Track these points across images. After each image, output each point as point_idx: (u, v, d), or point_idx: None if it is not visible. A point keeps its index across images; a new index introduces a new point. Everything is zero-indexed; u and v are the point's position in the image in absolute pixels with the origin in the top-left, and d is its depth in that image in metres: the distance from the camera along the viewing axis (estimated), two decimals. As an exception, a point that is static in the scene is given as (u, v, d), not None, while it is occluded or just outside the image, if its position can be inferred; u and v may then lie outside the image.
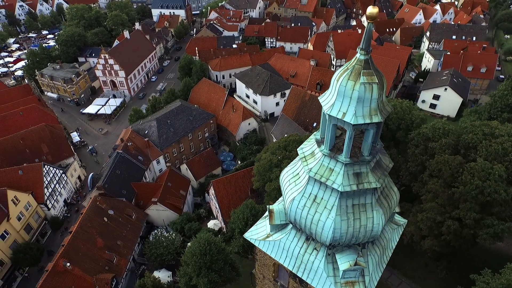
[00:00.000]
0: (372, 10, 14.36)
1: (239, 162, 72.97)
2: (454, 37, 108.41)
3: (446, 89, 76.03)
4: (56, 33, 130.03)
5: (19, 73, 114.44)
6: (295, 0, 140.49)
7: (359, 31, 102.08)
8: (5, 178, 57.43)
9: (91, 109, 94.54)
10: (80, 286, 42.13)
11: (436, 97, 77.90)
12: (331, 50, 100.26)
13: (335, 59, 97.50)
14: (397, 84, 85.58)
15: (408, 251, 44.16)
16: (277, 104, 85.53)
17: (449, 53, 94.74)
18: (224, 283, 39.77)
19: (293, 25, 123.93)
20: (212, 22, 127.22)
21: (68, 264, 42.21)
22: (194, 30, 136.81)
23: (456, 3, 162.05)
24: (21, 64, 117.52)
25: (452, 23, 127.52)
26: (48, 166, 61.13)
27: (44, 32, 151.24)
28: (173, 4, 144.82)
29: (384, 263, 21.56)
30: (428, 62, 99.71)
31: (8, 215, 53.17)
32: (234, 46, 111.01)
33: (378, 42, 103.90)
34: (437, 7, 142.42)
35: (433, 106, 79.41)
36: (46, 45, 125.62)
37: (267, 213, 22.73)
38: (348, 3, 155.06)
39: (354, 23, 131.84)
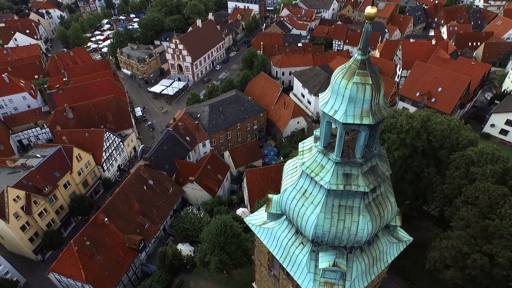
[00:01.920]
0: (370, 10, 14.34)
1: (281, 158, 73.79)
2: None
3: (523, 115, 67.61)
4: (140, 17, 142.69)
5: (105, 49, 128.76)
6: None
7: (433, 42, 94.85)
8: (75, 137, 65.95)
9: (156, 88, 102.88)
10: (113, 240, 47.30)
11: (510, 122, 69.50)
12: (398, 59, 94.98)
13: (400, 69, 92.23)
14: (465, 104, 78.13)
15: (433, 279, 41.13)
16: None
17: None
18: (235, 266, 41.38)
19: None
20: (282, 19, 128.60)
21: (106, 219, 47.58)
22: (264, 25, 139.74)
23: None
24: (108, 42, 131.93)
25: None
26: (109, 133, 68.59)
27: (132, 15, 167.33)
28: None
29: (374, 274, 21.03)
30: (511, 83, 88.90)
31: (71, 169, 61.32)
32: (299, 44, 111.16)
33: (454, 56, 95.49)
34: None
35: (504, 132, 70.94)
36: (130, 27, 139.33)
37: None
38: (430, 12, 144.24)
39: (432, 33, 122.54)
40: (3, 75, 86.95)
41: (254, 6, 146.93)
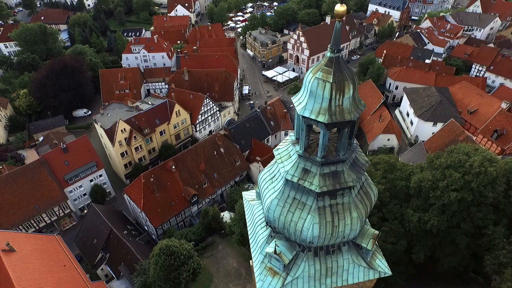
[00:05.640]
0: (339, 8, 14.19)
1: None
2: None
3: None
4: (279, 6, 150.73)
5: (239, 30, 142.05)
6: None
7: None
8: (181, 96, 77.20)
9: (269, 73, 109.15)
10: (173, 186, 55.15)
11: None
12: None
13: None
14: None
15: None
16: (433, 134, 74.75)
17: None
18: (254, 245, 43.49)
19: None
20: (419, 30, 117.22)
21: (174, 167, 55.58)
22: (397, 34, 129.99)
23: None
24: (243, 24, 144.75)
25: None
26: (209, 100, 77.55)
27: (275, 3, 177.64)
28: (391, 4, 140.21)
29: (324, 285, 20.58)
30: None
31: (169, 121, 72.54)
32: (427, 61, 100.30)
33: None
34: None
35: None
36: (268, 13, 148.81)
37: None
38: None
39: None
40: (154, 36, 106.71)
41: (394, 13, 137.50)
